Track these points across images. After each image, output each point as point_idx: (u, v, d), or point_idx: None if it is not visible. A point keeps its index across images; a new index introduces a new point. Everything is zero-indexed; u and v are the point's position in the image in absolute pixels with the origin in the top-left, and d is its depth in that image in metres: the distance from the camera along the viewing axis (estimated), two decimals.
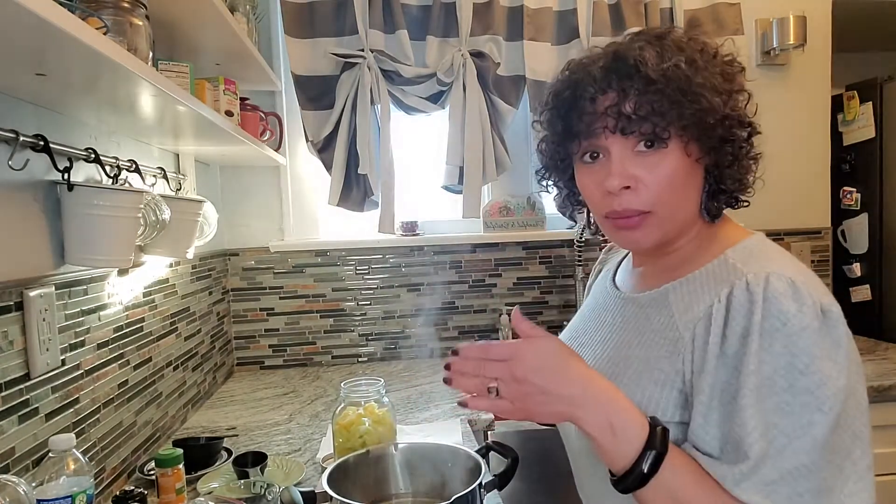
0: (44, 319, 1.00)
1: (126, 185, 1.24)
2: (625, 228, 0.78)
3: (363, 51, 1.95)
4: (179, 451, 1.12)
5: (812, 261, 2.36)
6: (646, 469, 0.65)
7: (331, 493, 0.87)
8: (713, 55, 0.77)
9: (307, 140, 2.02)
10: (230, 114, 1.53)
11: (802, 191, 2.33)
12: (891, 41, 2.61)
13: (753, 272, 0.70)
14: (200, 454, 1.31)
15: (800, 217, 2.36)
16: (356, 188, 2.03)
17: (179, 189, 1.59)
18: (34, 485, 0.83)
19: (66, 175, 1.01)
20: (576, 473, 0.93)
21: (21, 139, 0.90)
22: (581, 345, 0.91)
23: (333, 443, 1.18)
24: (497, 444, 1.02)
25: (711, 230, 0.81)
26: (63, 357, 1.07)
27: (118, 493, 1.04)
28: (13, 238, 0.95)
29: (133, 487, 1.05)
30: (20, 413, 0.95)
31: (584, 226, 0.93)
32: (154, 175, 1.43)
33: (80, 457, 0.88)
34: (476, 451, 0.98)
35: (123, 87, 0.95)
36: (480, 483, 0.88)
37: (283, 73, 2.08)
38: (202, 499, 1.02)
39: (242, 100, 1.69)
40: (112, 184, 1.17)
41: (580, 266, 2.17)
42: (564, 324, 1.05)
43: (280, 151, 2.01)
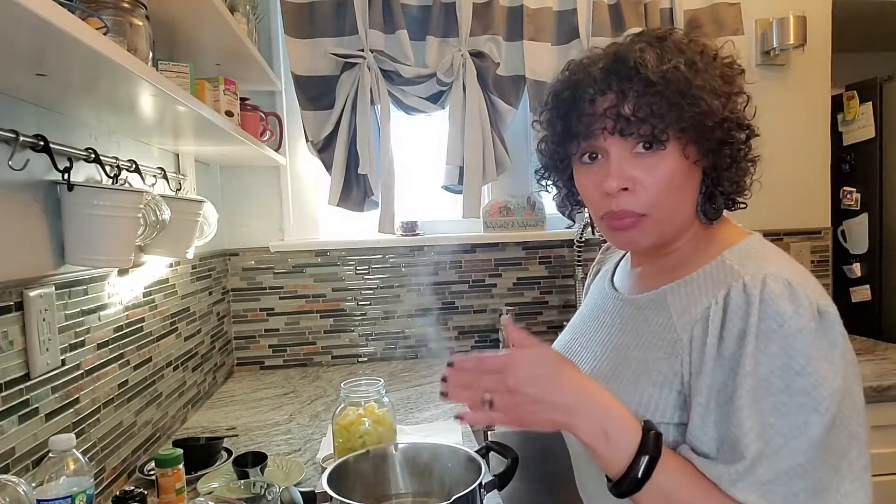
0: (44, 319, 1.00)
1: (126, 185, 1.24)
2: (621, 229, 0.78)
3: (363, 51, 1.95)
4: (179, 451, 1.12)
5: (812, 261, 2.36)
6: (640, 474, 0.66)
7: (331, 493, 0.87)
8: (713, 57, 0.77)
9: (307, 140, 2.02)
10: (230, 114, 1.53)
11: (802, 191, 2.33)
12: (891, 41, 2.61)
13: (750, 274, 0.70)
14: (200, 454, 1.31)
15: (800, 217, 2.36)
16: (356, 188, 2.03)
17: (179, 189, 1.59)
18: (34, 485, 0.83)
19: (66, 175, 1.01)
20: (577, 473, 0.93)
21: (21, 139, 0.90)
22: (580, 346, 0.91)
23: (333, 443, 1.18)
24: (497, 444, 1.02)
25: (709, 231, 0.82)
26: (63, 357, 1.07)
27: (118, 493, 1.04)
28: (13, 238, 0.95)
29: (133, 487, 1.05)
30: (20, 413, 0.95)
31: (585, 225, 0.93)
32: (154, 175, 1.43)
33: (80, 457, 0.88)
34: (476, 451, 0.98)
35: (123, 88, 0.95)
36: (480, 483, 0.88)
37: (283, 73, 2.08)
38: (202, 499, 1.02)
39: (242, 100, 1.69)
40: (112, 184, 1.17)
41: (580, 266, 2.17)
42: (564, 324, 1.05)
43: (280, 151, 2.01)
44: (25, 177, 0.97)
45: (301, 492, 0.90)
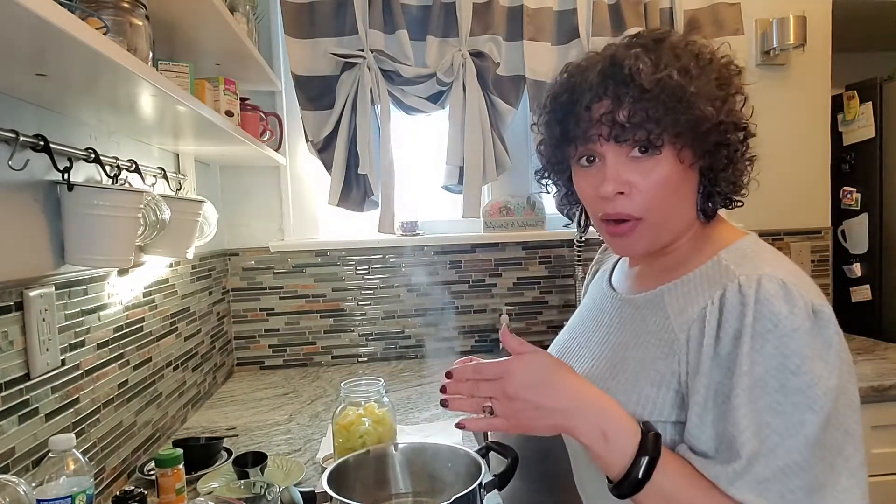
0: (44, 319, 1.00)
1: (126, 185, 1.24)
2: (617, 235, 0.80)
3: (363, 51, 1.95)
4: (179, 451, 1.12)
5: (812, 261, 2.36)
6: (640, 475, 0.67)
7: (331, 493, 0.87)
8: (709, 60, 0.77)
9: (307, 140, 2.02)
10: (230, 114, 1.53)
11: (802, 191, 2.34)
12: (891, 41, 2.61)
13: (745, 274, 0.71)
14: (200, 454, 1.31)
15: (800, 217, 2.36)
16: (356, 188, 2.03)
17: (179, 189, 1.59)
18: (34, 485, 0.83)
19: (66, 175, 1.01)
20: (576, 474, 0.93)
21: (21, 139, 0.90)
22: (579, 345, 0.92)
23: (333, 443, 1.18)
24: (497, 444, 1.02)
25: (706, 231, 0.82)
26: (63, 357, 1.07)
27: (118, 493, 1.03)
28: (13, 238, 0.95)
29: (133, 487, 1.05)
30: (20, 413, 0.95)
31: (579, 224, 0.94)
32: (154, 175, 1.43)
33: (80, 457, 0.88)
34: (476, 451, 0.98)
35: (123, 87, 0.95)
36: (480, 483, 0.88)
37: (283, 73, 2.08)
38: (202, 499, 1.02)
39: (242, 100, 1.69)
40: (112, 184, 1.17)
41: (580, 266, 2.17)
42: (564, 323, 1.06)
43: (280, 151, 2.01)
44: (25, 177, 0.97)
45: (301, 492, 0.90)
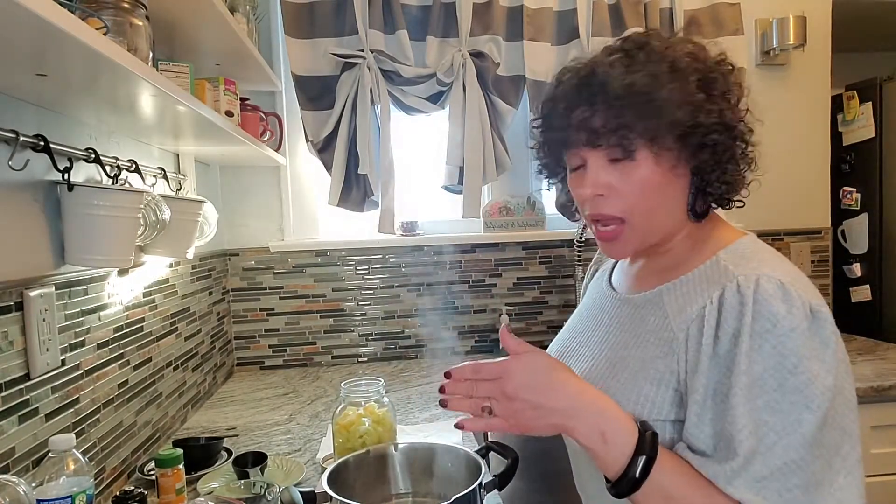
0: (44, 319, 1.00)
1: (126, 185, 1.24)
2: (604, 239, 0.82)
3: (363, 51, 1.95)
4: (179, 452, 1.12)
5: (812, 261, 2.36)
6: (637, 474, 0.68)
7: (331, 493, 0.87)
8: (689, 63, 0.76)
9: (307, 140, 2.02)
10: (230, 114, 1.53)
11: (802, 191, 2.34)
12: (891, 41, 2.61)
13: (744, 274, 0.72)
14: (200, 454, 1.31)
15: (800, 217, 2.36)
16: (356, 188, 2.03)
17: (179, 189, 1.59)
18: (34, 485, 0.83)
19: (66, 175, 1.01)
20: (576, 473, 0.94)
21: (21, 139, 0.90)
22: (579, 344, 0.92)
23: (333, 443, 1.18)
24: (497, 444, 1.02)
25: (704, 231, 0.83)
26: (63, 357, 1.07)
27: (118, 494, 1.03)
28: (13, 238, 0.95)
29: (133, 487, 1.05)
30: (20, 413, 0.95)
31: (584, 225, 0.95)
32: (154, 175, 1.43)
33: (80, 457, 0.88)
34: (476, 451, 0.98)
35: (123, 88, 0.95)
36: (480, 483, 0.88)
37: (283, 73, 2.08)
38: (202, 499, 1.02)
39: (242, 100, 1.69)
40: (112, 184, 1.17)
41: (580, 266, 2.17)
42: (563, 324, 1.06)
43: (280, 151, 2.01)
44: (25, 177, 0.97)
45: (301, 492, 0.90)
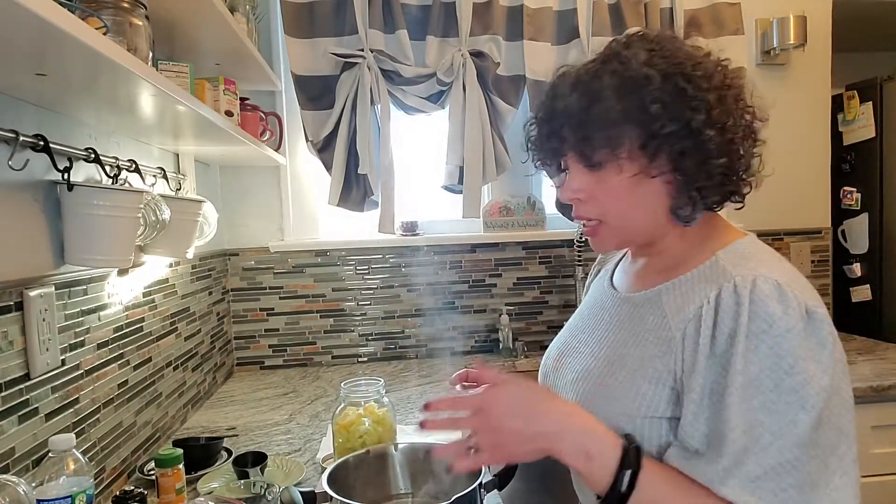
0: (44, 319, 1.00)
1: (126, 185, 1.24)
2: (589, 235, 0.87)
3: (363, 51, 1.95)
4: (179, 451, 1.12)
5: (812, 261, 2.37)
6: (623, 488, 0.69)
7: (331, 493, 0.87)
8: (650, 75, 0.74)
9: (307, 140, 2.02)
10: (230, 114, 1.53)
11: (802, 191, 2.34)
12: (891, 41, 2.61)
13: (741, 274, 0.72)
14: (200, 454, 1.31)
15: (800, 217, 2.36)
16: (356, 188, 2.03)
17: (179, 189, 1.59)
18: (34, 485, 0.83)
19: (66, 175, 1.01)
20: (575, 475, 0.93)
21: (21, 139, 0.90)
22: (579, 342, 0.93)
23: (333, 443, 1.18)
24: None
25: (704, 231, 0.83)
26: (63, 357, 1.07)
27: (118, 493, 1.03)
28: (13, 238, 0.95)
29: (133, 487, 1.05)
30: (20, 413, 0.95)
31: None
32: (154, 175, 1.43)
33: (80, 457, 0.88)
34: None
35: (123, 87, 0.95)
36: (480, 483, 0.88)
37: (283, 73, 2.08)
38: (202, 499, 1.02)
39: (242, 100, 1.69)
40: (112, 184, 1.17)
41: (580, 266, 2.17)
42: (563, 324, 1.06)
43: (280, 151, 2.01)
44: (25, 177, 0.97)
45: (301, 492, 0.90)
